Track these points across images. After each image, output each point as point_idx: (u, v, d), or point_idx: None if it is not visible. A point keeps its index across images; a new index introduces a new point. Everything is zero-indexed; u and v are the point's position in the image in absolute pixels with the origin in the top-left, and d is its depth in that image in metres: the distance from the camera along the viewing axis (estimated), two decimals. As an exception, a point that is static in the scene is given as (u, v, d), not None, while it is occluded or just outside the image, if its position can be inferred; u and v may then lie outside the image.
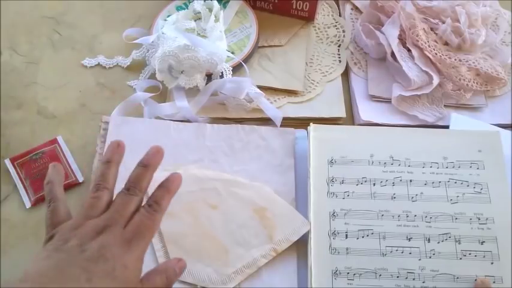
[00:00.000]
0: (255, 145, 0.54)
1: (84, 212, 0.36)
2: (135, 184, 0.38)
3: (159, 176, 0.51)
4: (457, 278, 0.45)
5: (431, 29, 0.60)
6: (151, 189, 0.39)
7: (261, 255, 0.47)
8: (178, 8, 0.64)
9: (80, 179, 0.54)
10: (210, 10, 0.61)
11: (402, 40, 0.60)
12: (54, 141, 0.56)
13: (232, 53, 0.59)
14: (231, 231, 0.48)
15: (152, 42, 0.61)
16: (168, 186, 0.39)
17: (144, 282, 0.36)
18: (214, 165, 0.52)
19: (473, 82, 0.58)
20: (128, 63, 0.63)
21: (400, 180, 0.49)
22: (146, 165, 0.39)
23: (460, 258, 0.45)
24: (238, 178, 0.51)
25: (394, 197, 0.48)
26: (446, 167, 0.49)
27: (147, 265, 0.46)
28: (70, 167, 0.54)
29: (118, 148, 0.41)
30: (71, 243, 0.33)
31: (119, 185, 0.39)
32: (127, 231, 0.35)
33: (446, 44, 0.60)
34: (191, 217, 0.49)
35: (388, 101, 0.58)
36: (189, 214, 0.49)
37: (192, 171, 0.51)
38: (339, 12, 0.68)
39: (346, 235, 0.47)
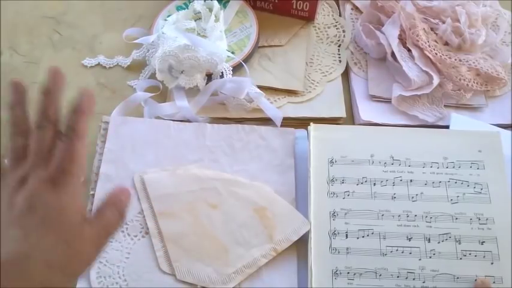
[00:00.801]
0: (255, 145, 0.54)
1: (10, 165, 0.34)
2: (43, 116, 0.34)
3: (158, 176, 0.51)
4: (457, 278, 0.45)
5: (432, 29, 0.60)
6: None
7: (261, 255, 0.47)
8: (179, 8, 0.64)
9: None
10: (210, 10, 0.61)
11: (402, 40, 0.60)
12: (54, 141, 0.56)
13: (233, 52, 0.59)
14: (231, 230, 0.48)
15: (152, 42, 0.61)
16: (81, 107, 0.34)
17: (93, 221, 0.33)
18: (215, 165, 0.52)
19: (474, 82, 0.58)
20: (128, 63, 0.63)
21: (401, 180, 0.49)
22: (47, 91, 0.35)
23: (460, 258, 0.45)
24: (239, 178, 0.51)
25: (395, 197, 0.48)
26: (447, 167, 0.49)
27: (147, 265, 0.46)
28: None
29: (17, 87, 0.37)
30: (1, 203, 0.32)
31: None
32: (49, 171, 0.32)
33: (446, 44, 0.60)
34: (191, 217, 0.49)
35: (388, 101, 0.58)
36: (189, 214, 0.49)
37: (192, 171, 0.51)
38: (339, 12, 0.68)
39: (347, 235, 0.47)
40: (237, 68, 0.59)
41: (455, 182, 0.49)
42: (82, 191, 0.34)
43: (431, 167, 0.49)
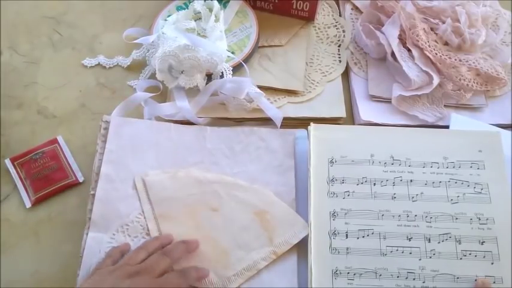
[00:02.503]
0: (255, 147, 0.54)
1: (123, 261, 0.44)
2: (171, 249, 0.45)
3: (159, 178, 0.51)
4: (457, 278, 0.45)
5: (432, 29, 0.60)
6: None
7: (261, 258, 0.47)
8: (179, 8, 0.64)
9: (80, 179, 0.54)
10: (210, 10, 0.61)
11: (402, 40, 0.60)
12: (55, 141, 0.56)
13: (233, 53, 0.59)
14: (232, 233, 0.48)
15: (152, 42, 0.61)
16: (196, 271, 0.45)
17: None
18: (215, 168, 0.52)
19: (474, 82, 0.58)
20: (128, 63, 0.63)
21: (401, 180, 0.49)
22: (185, 243, 0.47)
23: (460, 258, 0.45)
24: (239, 181, 0.51)
25: (395, 197, 0.48)
26: (447, 167, 0.49)
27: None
28: (70, 166, 0.54)
29: (166, 239, 0.48)
30: (107, 281, 0.41)
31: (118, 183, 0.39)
32: (157, 280, 0.42)
33: (446, 44, 0.60)
34: (192, 220, 0.49)
35: (388, 101, 0.58)
36: (190, 217, 0.49)
37: (193, 174, 0.51)
38: (339, 12, 0.68)
39: (347, 235, 0.47)
40: (237, 68, 0.59)
41: (456, 182, 0.49)
42: None
43: (431, 167, 0.49)
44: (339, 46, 0.64)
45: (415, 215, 0.47)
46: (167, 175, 0.51)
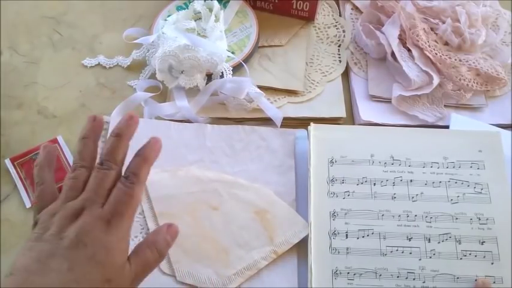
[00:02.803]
0: (256, 146, 0.54)
1: (63, 195, 0.35)
2: (108, 157, 0.36)
3: (159, 177, 0.51)
4: (457, 278, 0.45)
5: (432, 29, 0.60)
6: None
7: (261, 257, 0.47)
8: (179, 8, 0.64)
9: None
10: (210, 10, 0.61)
11: (402, 40, 0.60)
12: (55, 141, 0.56)
13: (233, 52, 0.59)
14: (232, 232, 0.48)
15: (152, 42, 0.61)
16: (146, 154, 0.36)
17: (132, 260, 0.34)
18: (215, 166, 0.52)
19: (474, 82, 0.58)
20: (128, 63, 0.63)
21: (401, 180, 0.49)
22: (119, 135, 0.37)
23: (461, 258, 0.45)
24: (239, 179, 0.51)
25: (395, 197, 0.48)
26: (447, 167, 0.49)
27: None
28: (70, 166, 0.54)
29: (95, 123, 0.39)
30: (50, 232, 0.33)
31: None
32: (105, 210, 0.34)
33: (446, 44, 0.60)
34: (191, 218, 0.49)
35: (388, 101, 0.58)
36: (190, 215, 0.49)
37: (193, 172, 0.51)
38: (339, 12, 0.68)
39: (347, 235, 0.47)
40: (237, 68, 0.59)
41: (456, 182, 0.49)
42: (128, 237, 0.34)
43: (431, 167, 0.49)
44: (339, 46, 0.64)
45: (415, 215, 0.47)
46: (167, 173, 0.51)
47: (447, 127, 0.56)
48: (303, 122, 0.56)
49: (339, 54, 0.63)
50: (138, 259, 0.34)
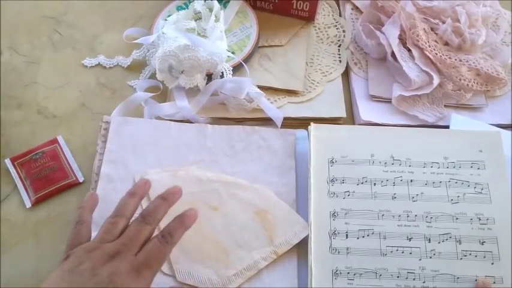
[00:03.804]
0: (256, 146, 0.54)
1: (100, 236, 0.39)
2: (150, 214, 0.40)
3: (159, 177, 0.51)
4: (458, 278, 0.45)
5: (432, 29, 0.60)
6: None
7: (261, 258, 0.47)
8: (179, 8, 0.64)
9: (80, 179, 0.54)
10: (211, 10, 0.61)
11: (402, 40, 0.60)
12: (55, 141, 0.56)
13: (233, 52, 0.59)
14: (232, 233, 0.48)
15: (152, 42, 0.61)
16: (184, 220, 0.41)
17: None
18: (215, 166, 0.52)
19: (474, 82, 0.58)
20: (128, 63, 0.63)
21: (401, 180, 0.49)
22: (165, 199, 0.42)
23: (461, 259, 0.45)
24: (239, 180, 0.51)
25: (395, 197, 0.48)
26: (447, 167, 0.49)
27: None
28: (70, 167, 0.54)
29: (145, 185, 0.44)
30: (84, 266, 0.36)
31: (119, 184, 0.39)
32: (137, 259, 0.37)
33: (446, 44, 0.60)
34: (192, 218, 0.49)
35: (388, 101, 0.58)
36: (190, 215, 0.49)
37: (193, 172, 0.51)
38: (339, 12, 0.68)
39: (347, 235, 0.47)
40: (237, 68, 0.59)
41: (456, 182, 0.49)
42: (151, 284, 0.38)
43: (431, 167, 0.49)
44: (339, 46, 0.64)
45: (415, 215, 0.47)
46: (167, 174, 0.51)
47: (447, 127, 0.56)
48: (303, 122, 0.56)
49: (339, 54, 0.63)
50: None
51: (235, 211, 0.49)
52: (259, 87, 0.57)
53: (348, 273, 0.45)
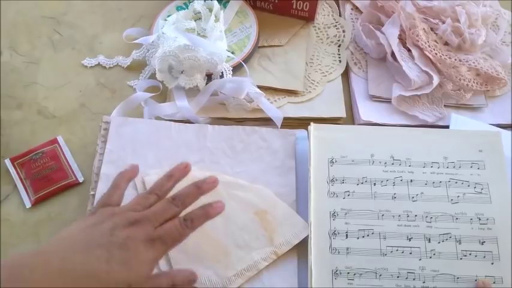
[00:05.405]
0: (256, 146, 0.54)
1: (128, 205, 0.41)
2: (181, 197, 0.41)
3: (159, 177, 0.51)
4: (458, 278, 0.45)
5: (432, 29, 0.60)
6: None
7: (261, 258, 0.47)
8: (179, 8, 0.64)
9: (80, 179, 0.54)
10: (210, 10, 0.61)
11: (402, 40, 0.60)
12: (55, 141, 0.56)
13: (233, 53, 0.59)
14: (232, 233, 0.48)
15: (152, 42, 0.61)
16: (209, 211, 0.41)
17: (150, 279, 0.38)
18: (215, 166, 0.52)
19: (473, 82, 0.58)
20: (128, 63, 0.63)
21: (401, 180, 0.49)
22: (199, 188, 0.43)
23: (461, 259, 0.45)
24: (239, 180, 0.51)
25: (395, 197, 0.48)
26: (447, 167, 0.49)
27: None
28: (70, 167, 0.54)
29: (184, 169, 0.45)
30: (105, 225, 0.38)
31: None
32: (155, 232, 0.38)
33: (446, 44, 0.60)
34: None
35: (388, 101, 0.58)
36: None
37: (193, 172, 0.51)
38: (339, 12, 0.68)
39: (347, 235, 0.47)
40: (237, 68, 0.59)
41: (456, 182, 0.49)
42: (159, 261, 0.39)
43: (431, 167, 0.49)
44: (339, 46, 0.64)
45: (415, 215, 0.47)
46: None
47: (447, 127, 0.56)
48: (303, 122, 0.56)
49: (339, 54, 0.63)
50: (154, 281, 0.38)
51: (235, 211, 0.49)
52: (259, 87, 0.57)
53: (348, 273, 0.45)
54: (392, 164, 0.50)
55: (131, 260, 0.36)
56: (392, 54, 0.59)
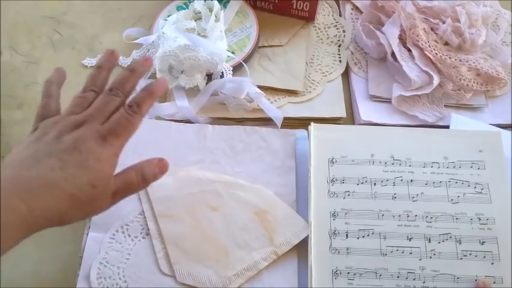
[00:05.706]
0: (256, 146, 0.54)
1: (68, 109, 0.39)
2: (118, 86, 0.39)
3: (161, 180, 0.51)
4: (458, 278, 0.45)
5: (432, 29, 0.60)
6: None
7: (261, 258, 0.47)
8: (179, 8, 0.64)
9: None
10: (211, 10, 0.61)
11: (402, 40, 0.60)
12: (55, 141, 0.56)
13: (233, 52, 0.59)
14: (232, 233, 0.48)
15: (152, 42, 0.61)
16: (152, 90, 0.39)
17: (118, 176, 0.37)
18: (215, 166, 0.52)
19: (474, 82, 0.58)
20: (128, 63, 0.63)
21: (401, 180, 0.49)
22: (133, 70, 0.40)
23: (461, 259, 0.45)
24: (239, 180, 0.51)
25: (395, 197, 0.48)
26: (447, 167, 0.49)
27: (148, 266, 0.46)
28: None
29: (111, 56, 0.42)
30: (49, 136, 0.36)
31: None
32: (103, 127, 0.36)
33: (446, 44, 0.60)
34: (192, 219, 0.49)
35: (388, 101, 0.58)
36: (190, 216, 0.49)
37: (193, 172, 0.51)
38: (339, 12, 0.68)
39: (347, 235, 0.47)
40: (237, 68, 0.59)
41: (456, 182, 0.49)
42: (119, 155, 0.37)
43: (431, 167, 0.49)
44: (339, 46, 0.64)
45: (416, 215, 0.47)
46: (167, 174, 0.51)
47: (447, 127, 0.56)
48: (303, 122, 0.56)
49: (339, 54, 0.63)
50: (123, 177, 0.38)
51: (235, 211, 0.49)
52: (259, 87, 0.57)
53: (348, 273, 0.45)
54: (393, 164, 0.50)
55: (87, 160, 0.35)
56: (393, 54, 0.59)
